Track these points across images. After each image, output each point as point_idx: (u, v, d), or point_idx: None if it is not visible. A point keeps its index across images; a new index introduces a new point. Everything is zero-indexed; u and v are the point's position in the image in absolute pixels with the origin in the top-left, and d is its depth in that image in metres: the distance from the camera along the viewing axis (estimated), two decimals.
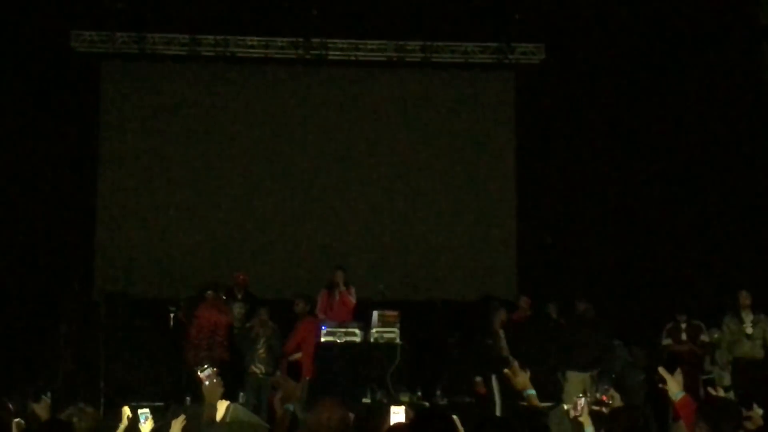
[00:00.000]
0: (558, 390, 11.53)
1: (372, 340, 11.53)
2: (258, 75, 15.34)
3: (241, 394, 11.43)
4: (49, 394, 7.60)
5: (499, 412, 10.66)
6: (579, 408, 5.82)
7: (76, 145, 14.54)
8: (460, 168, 15.29)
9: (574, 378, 11.50)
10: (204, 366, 6.75)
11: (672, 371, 5.48)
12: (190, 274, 14.03)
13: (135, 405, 6.42)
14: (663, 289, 13.58)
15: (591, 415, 5.82)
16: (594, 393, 7.62)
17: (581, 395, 5.99)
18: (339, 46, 15.03)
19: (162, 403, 10.95)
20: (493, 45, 15.12)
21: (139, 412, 5.98)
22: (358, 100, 15.42)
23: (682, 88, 14.32)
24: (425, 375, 12.25)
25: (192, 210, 14.87)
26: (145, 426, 5.97)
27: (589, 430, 5.77)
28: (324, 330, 11.52)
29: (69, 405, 5.98)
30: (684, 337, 11.94)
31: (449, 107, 15.40)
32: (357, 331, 11.55)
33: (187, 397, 11.08)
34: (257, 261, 14.43)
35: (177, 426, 5.89)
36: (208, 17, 14.56)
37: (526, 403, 5.71)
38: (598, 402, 6.08)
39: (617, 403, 6.14)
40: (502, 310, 12.27)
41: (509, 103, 15.45)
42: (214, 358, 11.06)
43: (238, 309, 12.51)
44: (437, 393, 11.78)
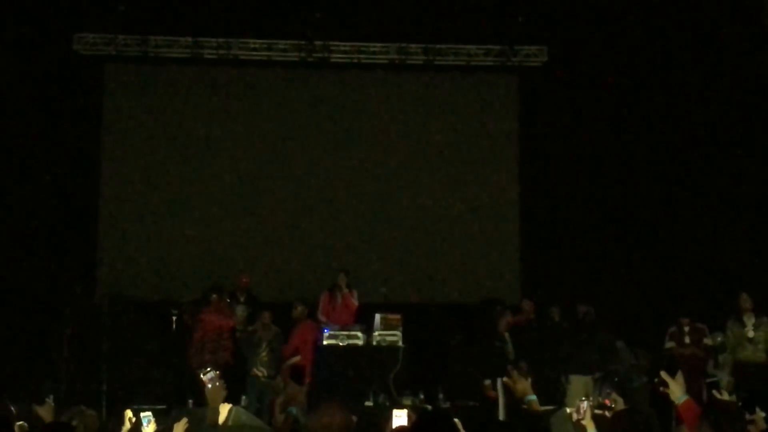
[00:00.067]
0: (561, 393, 11.53)
1: (374, 343, 11.51)
2: (261, 78, 15.34)
3: (244, 397, 11.44)
4: (52, 396, 7.60)
5: (503, 415, 10.64)
6: (582, 411, 5.80)
7: (78, 148, 14.54)
8: (463, 171, 15.27)
9: (576, 381, 11.51)
10: (207, 369, 6.74)
11: (673, 374, 5.47)
12: (192, 276, 14.05)
13: (137, 408, 6.41)
14: (667, 292, 13.57)
15: (594, 419, 5.81)
16: (597, 396, 7.60)
17: (584, 398, 5.98)
18: (342, 48, 15.04)
19: (164, 406, 10.93)
20: (496, 48, 15.12)
21: (142, 415, 5.97)
22: (360, 103, 15.41)
23: (685, 90, 14.31)
24: (428, 378, 12.22)
25: (194, 212, 14.85)
26: (148, 429, 5.96)
27: None
28: (326, 333, 11.51)
29: (71, 408, 5.99)
30: (687, 341, 11.91)
31: (452, 110, 15.38)
32: (359, 334, 11.54)
33: (190, 400, 11.10)
34: (260, 264, 14.43)
35: (179, 429, 5.89)
36: (210, 20, 14.57)
37: (527, 407, 5.71)
38: (600, 405, 6.07)
39: (620, 407, 6.13)
40: (507, 312, 12.27)
41: (512, 106, 15.43)
42: (218, 361, 11.10)
43: (240, 311, 12.55)
44: (440, 396, 11.75)
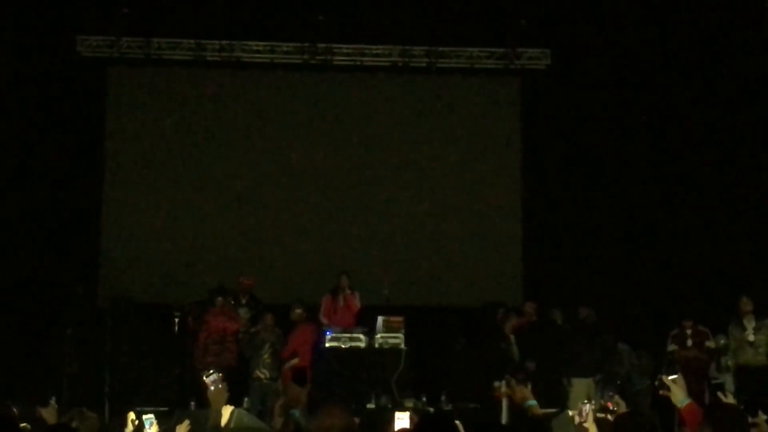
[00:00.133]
0: (563, 396, 11.53)
1: (377, 345, 11.53)
2: (263, 80, 15.34)
3: (246, 399, 11.44)
4: (54, 398, 7.60)
5: (506, 417, 10.64)
6: (584, 414, 5.80)
7: (81, 150, 14.55)
8: (465, 173, 15.26)
9: (578, 384, 11.51)
10: (210, 371, 6.74)
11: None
12: (195, 279, 14.04)
13: (140, 410, 6.41)
14: (669, 295, 13.56)
15: (596, 422, 5.80)
16: (599, 399, 7.59)
17: (586, 401, 5.98)
18: (344, 51, 15.04)
19: (167, 408, 10.94)
20: (499, 50, 15.10)
21: (144, 417, 5.97)
22: (363, 105, 15.40)
23: (687, 93, 14.31)
24: (430, 380, 12.23)
25: (197, 214, 14.86)
26: (150, 431, 5.96)
27: None
28: (328, 335, 11.52)
29: (71, 410, 5.99)
30: (689, 343, 11.89)
31: (454, 112, 15.37)
32: (362, 337, 11.55)
33: (192, 402, 11.10)
34: (262, 266, 14.41)
35: (181, 431, 5.89)
36: (213, 22, 14.59)
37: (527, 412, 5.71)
38: (603, 409, 6.06)
39: (622, 410, 6.12)
40: (513, 315, 12.29)
41: (515, 109, 15.41)
42: (221, 363, 11.11)
43: (243, 314, 12.54)
44: (442, 398, 11.75)
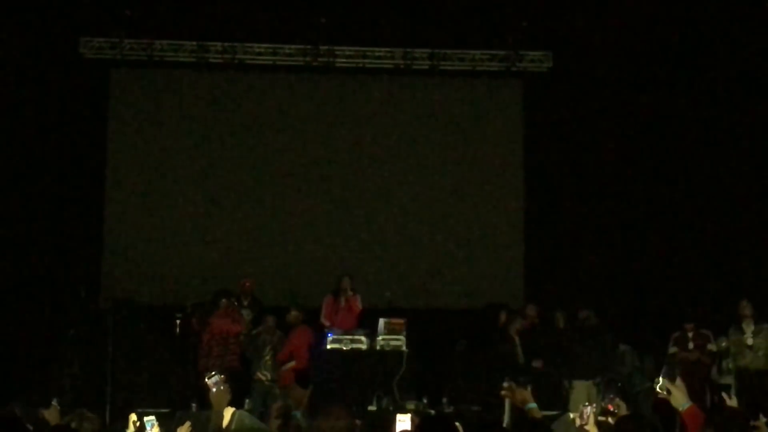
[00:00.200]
0: (565, 398, 11.52)
1: (378, 347, 11.51)
2: (266, 82, 15.34)
3: (247, 400, 11.44)
4: (57, 399, 7.60)
5: (508, 418, 10.63)
6: (585, 417, 5.80)
7: (83, 152, 14.56)
8: (467, 175, 15.26)
9: (579, 386, 11.50)
10: (212, 373, 6.75)
11: (673, 380, 5.47)
12: (196, 280, 14.06)
13: (141, 411, 6.42)
14: (671, 298, 13.55)
15: (597, 424, 5.80)
16: (600, 401, 7.59)
17: (587, 404, 5.98)
18: (347, 53, 15.04)
19: (168, 410, 10.94)
20: (501, 53, 15.10)
21: (146, 418, 5.98)
22: (365, 107, 15.40)
23: (690, 95, 14.30)
24: (431, 383, 12.22)
25: (199, 216, 14.86)
26: None
27: None
28: (330, 337, 11.52)
29: (72, 411, 5.99)
30: (691, 346, 11.88)
31: (456, 115, 15.37)
32: (363, 339, 11.54)
33: (194, 404, 11.11)
34: (264, 268, 14.42)
35: None
36: (216, 24, 14.60)
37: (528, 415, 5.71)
38: (604, 411, 6.06)
39: (623, 412, 6.11)
40: (518, 317, 12.28)
41: (517, 111, 15.41)
42: (224, 365, 11.09)
43: (245, 315, 12.53)
44: (443, 401, 11.74)
